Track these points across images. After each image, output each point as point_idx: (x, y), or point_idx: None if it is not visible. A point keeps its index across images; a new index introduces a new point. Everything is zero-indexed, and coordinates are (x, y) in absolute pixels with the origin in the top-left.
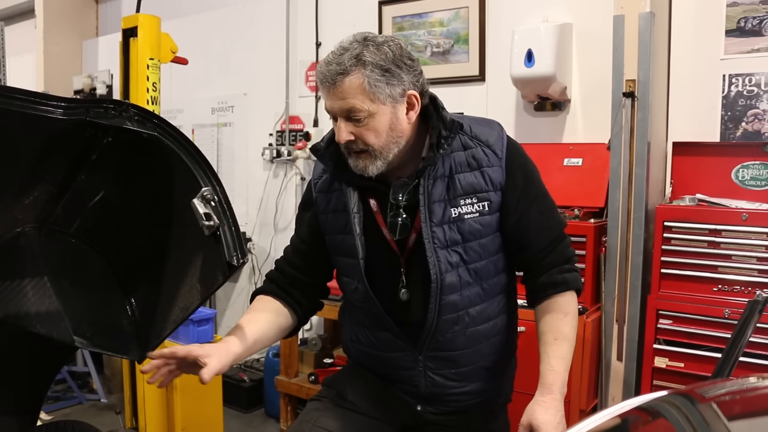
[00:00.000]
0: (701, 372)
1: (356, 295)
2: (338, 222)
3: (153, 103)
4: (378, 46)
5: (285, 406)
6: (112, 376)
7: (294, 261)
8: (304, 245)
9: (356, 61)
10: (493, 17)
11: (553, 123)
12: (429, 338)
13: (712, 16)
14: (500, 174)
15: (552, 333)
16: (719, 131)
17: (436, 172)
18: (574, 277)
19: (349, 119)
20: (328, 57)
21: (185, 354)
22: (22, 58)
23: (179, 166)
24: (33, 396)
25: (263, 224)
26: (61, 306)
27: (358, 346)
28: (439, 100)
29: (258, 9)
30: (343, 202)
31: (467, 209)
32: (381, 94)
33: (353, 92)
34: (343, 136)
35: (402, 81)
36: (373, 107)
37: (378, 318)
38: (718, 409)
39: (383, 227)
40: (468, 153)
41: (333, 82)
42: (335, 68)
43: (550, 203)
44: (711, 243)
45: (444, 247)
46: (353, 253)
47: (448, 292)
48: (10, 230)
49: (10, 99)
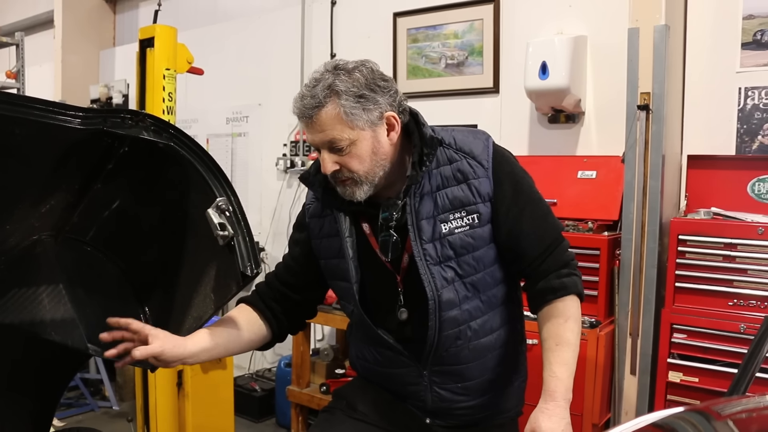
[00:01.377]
0: (716, 387)
1: (353, 318)
2: (332, 247)
3: (168, 113)
4: (349, 73)
5: (296, 416)
6: (124, 384)
7: (284, 278)
8: (297, 265)
9: (329, 92)
10: (508, 29)
11: (567, 135)
12: (432, 354)
13: (727, 28)
14: (488, 185)
15: (553, 339)
16: (735, 144)
17: (422, 190)
18: (573, 281)
19: (332, 150)
20: (302, 91)
21: (139, 328)
22: (40, 67)
23: (194, 175)
24: (46, 402)
25: (276, 234)
26: (75, 313)
27: (364, 363)
28: (421, 116)
29: (273, 20)
30: (336, 228)
31: (456, 224)
32: (359, 120)
33: (331, 123)
34: (329, 167)
35: (378, 104)
36: (353, 134)
37: (378, 339)
38: (735, 427)
39: (377, 249)
40: (454, 167)
41: (310, 116)
42: (309, 102)
43: (543, 209)
44: (726, 257)
45: (437, 263)
46: (347, 277)
47: (446, 308)
48: (27, 238)
49: (29, 109)
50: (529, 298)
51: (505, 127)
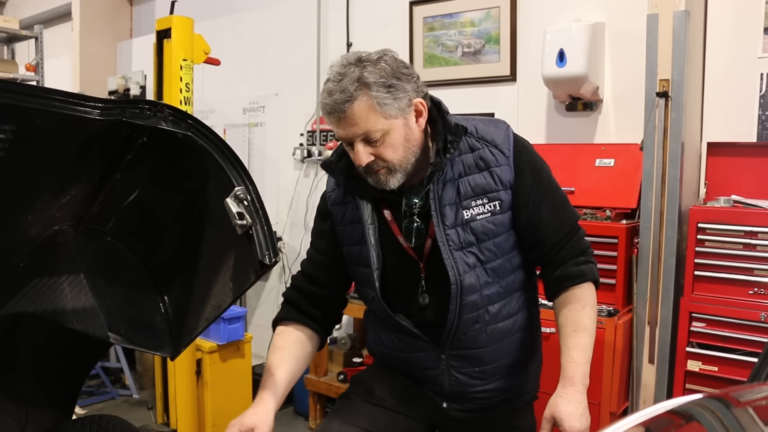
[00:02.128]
0: (736, 376)
1: (373, 304)
2: (354, 233)
3: (186, 104)
4: (375, 64)
5: (314, 405)
6: (144, 373)
7: (314, 276)
8: (324, 257)
9: (359, 84)
10: (524, 17)
11: (584, 123)
12: (450, 338)
13: (749, 13)
14: (509, 173)
15: (571, 325)
16: (756, 131)
17: (445, 177)
18: (590, 268)
19: (366, 142)
20: (328, 86)
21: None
22: (59, 60)
23: (212, 165)
24: (68, 390)
25: (294, 224)
26: (96, 303)
27: (382, 348)
28: (444, 104)
29: (289, 10)
30: (358, 215)
31: (479, 210)
32: (391, 109)
33: (365, 116)
34: (364, 159)
35: (406, 91)
36: (387, 124)
37: (397, 324)
38: (755, 414)
39: (399, 235)
40: (476, 155)
41: (342, 111)
42: (340, 97)
43: (561, 197)
44: (746, 245)
45: (459, 249)
46: (369, 263)
47: (468, 292)
48: (48, 228)
49: (49, 100)
50: (546, 285)
51: (522, 115)
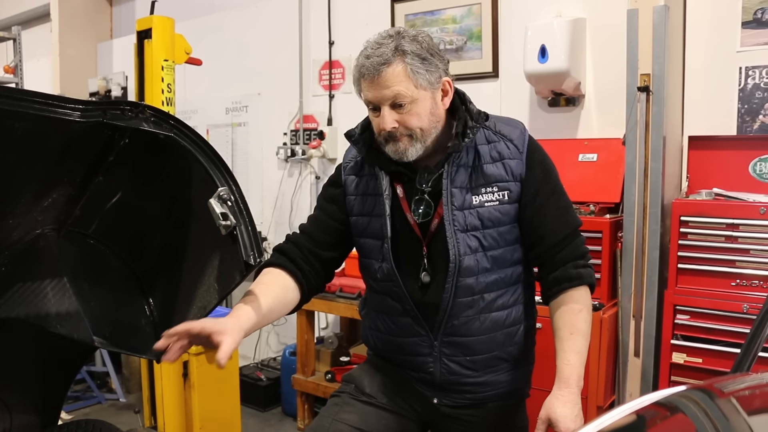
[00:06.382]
0: (720, 368)
1: (379, 274)
2: (366, 204)
3: (168, 104)
4: (413, 38)
5: (302, 405)
6: (131, 376)
7: (313, 234)
8: (329, 218)
9: (396, 51)
10: (506, 13)
11: (567, 118)
12: (444, 321)
13: (727, 7)
14: (521, 166)
15: (567, 328)
16: (736, 124)
17: (460, 161)
18: (589, 272)
19: (394, 106)
20: (366, 51)
21: (199, 330)
22: (38, 61)
23: (195, 166)
24: (54, 395)
25: (278, 223)
26: (80, 306)
27: (377, 333)
28: (467, 95)
29: (271, 9)
30: (373, 186)
31: (487, 197)
32: (422, 80)
33: (397, 80)
34: (389, 123)
35: (438, 68)
36: (416, 93)
37: (398, 297)
38: (738, 404)
39: (407, 212)
40: (491, 146)
41: (377, 71)
42: (376, 60)
43: (566, 201)
44: (728, 237)
45: (464, 231)
46: (379, 234)
47: (465, 274)
48: (30, 232)
49: (28, 102)
50: (544, 286)
51: (505, 111)
